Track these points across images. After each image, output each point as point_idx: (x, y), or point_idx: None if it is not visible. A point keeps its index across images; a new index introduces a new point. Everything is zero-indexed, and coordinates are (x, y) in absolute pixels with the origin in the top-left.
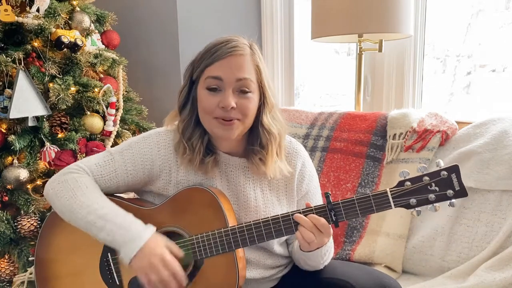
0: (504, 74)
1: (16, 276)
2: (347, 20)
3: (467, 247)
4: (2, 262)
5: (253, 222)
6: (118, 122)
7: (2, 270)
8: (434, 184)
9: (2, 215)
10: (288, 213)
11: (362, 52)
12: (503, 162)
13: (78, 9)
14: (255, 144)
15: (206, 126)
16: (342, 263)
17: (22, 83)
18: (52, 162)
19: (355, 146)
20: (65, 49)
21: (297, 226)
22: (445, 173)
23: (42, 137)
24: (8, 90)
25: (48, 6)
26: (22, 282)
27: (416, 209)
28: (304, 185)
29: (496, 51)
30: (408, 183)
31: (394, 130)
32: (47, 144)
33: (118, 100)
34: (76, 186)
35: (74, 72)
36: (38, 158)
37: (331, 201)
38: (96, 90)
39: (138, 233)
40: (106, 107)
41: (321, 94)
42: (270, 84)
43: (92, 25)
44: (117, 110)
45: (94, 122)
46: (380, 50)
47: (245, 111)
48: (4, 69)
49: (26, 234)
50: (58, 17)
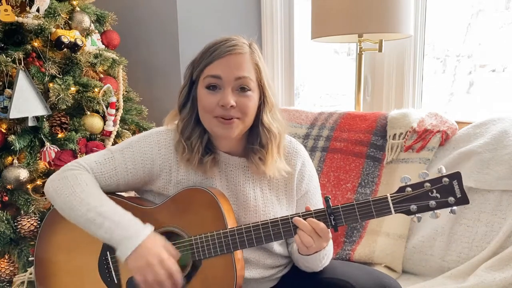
0: (504, 74)
1: (16, 276)
2: (347, 20)
3: (467, 247)
4: (2, 262)
5: (252, 224)
6: (118, 122)
7: (2, 270)
8: (435, 190)
9: (2, 215)
10: (287, 216)
11: (362, 52)
12: (503, 162)
13: (78, 9)
14: (255, 143)
15: (206, 125)
16: (342, 263)
17: (22, 83)
18: (52, 162)
19: (355, 146)
20: (65, 49)
21: (296, 229)
22: (446, 179)
23: (42, 137)
24: (8, 90)
25: (48, 6)
26: (22, 282)
27: (416, 215)
28: (304, 184)
29: (496, 51)
30: (408, 189)
31: (394, 130)
32: (47, 144)
33: (118, 100)
34: (76, 183)
35: (74, 72)
36: (38, 158)
37: (331, 205)
38: (96, 90)
39: (136, 231)
40: (106, 107)
41: (321, 94)
42: (270, 83)
43: (92, 25)
44: (117, 110)
45: (94, 122)
46: (380, 50)
47: (244, 110)
48: (4, 69)
49: (26, 234)
50: (58, 17)
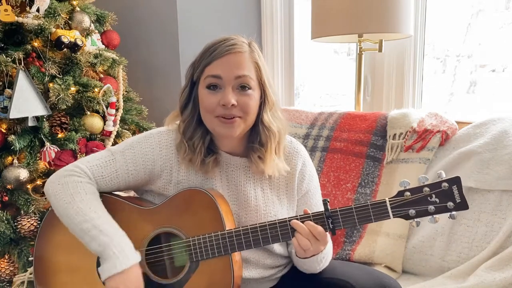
0: (504, 74)
1: (16, 276)
2: (347, 20)
3: (467, 247)
4: (2, 262)
5: (250, 226)
6: (118, 122)
7: (2, 270)
8: (434, 195)
9: (2, 215)
10: (285, 219)
11: (362, 52)
12: (503, 162)
13: (78, 9)
14: (255, 142)
15: (208, 125)
16: (342, 263)
17: (22, 83)
18: (52, 162)
19: (355, 146)
20: (65, 49)
21: (293, 232)
22: (446, 184)
23: (42, 137)
24: (8, 90)
25: (48, 6)
26: (22, 282)
27: (415, 220)
28: (304, 184)
29: (496, 51)
30: (407, 193)
31: (394, 130)
32: (47, 144)
33: (118, 100)
34: (75, 191)
35: (74, 72)
36: (38, 158)
37: (329, 208)
38: (96, 90)
39: (128, 255)
40: (106, 107)
41: (321, 94)
42: (270, 81)
43: (92, 25)
44: (117, 110)
45: (94, 122)
46: (380, 50)
47: (245, 108)
48: (4, 69)
49: (26, 234)
50: (58, 17)
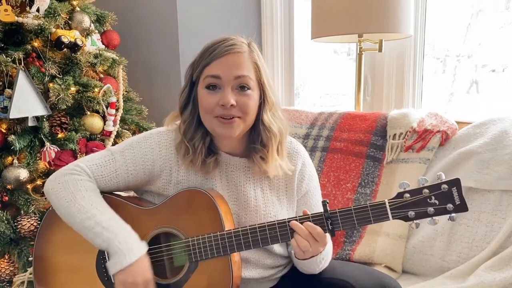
0: (504, 74)
1: (16, 276)
2: (347, 20)
3: (467, 247)
4: (2, 262)
5: (249, 227)
6: (118, 122)
7: (2, 270)
8: (434, 197)
9: (2, 215)
10: (284, 219)
11: (362, 52)
12: (503, 162)
13: (78, 9)
14: (256, 142)
15: (207, 125)
16: (342, 263)
17: (22, 83)
18: (52, 162)
19: (355, 146)
20: (65, 49)
21: (293, 233)
22: (445, 186)
23: (42, 137)
24: (8, 90)
25: (48, 6)
26: (22, 282)
27: (414, 221)
28: (304, 184)
29: (496, 51)
30: (407, 195)
31: (394, 130)
32: (47, 144)
33: (118, 100)
34: (76, 188)
35: (74, 72)
36: (38, 158)
37: (328, 209)
38: (96, 90)
39: (133, 247)
40: (106, 107)
41: (321, 94)
42: (270, 82)
43: (92, 25)
44: (117, 110)
45: (94, 122)
46: (380, 50)
47: (245, 109)
48: (4, 69)
49: (26, 234)
50: (58, 17)
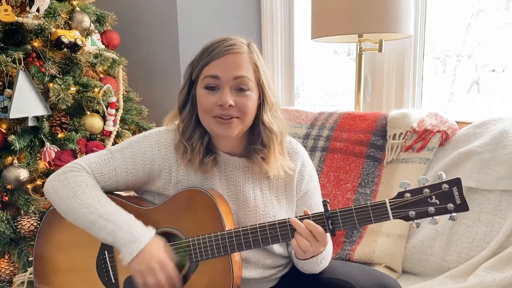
0: (504, 74)
1: (16, 276)
2: (347, 20)
3: (467, 247)
4: (2, 262)
5: (250, 227)
6: (118, 122)
7: (2, 270)
8: (434, 196)
9: (2, 215)
10: (285, 219)
11: (362, 52)
12: (503, 162)
13: (78, 9)
14: (256, 143)
15: (205, 125)
16: (342, 263)
17: (22, 83)
18: (52, 162)
19: (355, 146)
20: (65, 49)
21: (293, 233)
22: (446, 186)
23: (42, 137)
24: (8, 90)
25: (48, 6)
26: (22, 282)
27: (415, 221)
28: (303, 184)
29: (496, 51)
30: (407, 195)
31: (394, 130)
32: (47, 144)
33: (118, 100)
34: (76, 184)
35: (74, 72)
36: (38, 158)
37: (329, 209)
38: (96, 90)
39: (139, 235)
40: (106, 107)
41: (321, 94)
42: (269, 82)
43: (92, 25)
44: (117, 110)
45: (94, 122)
46: (380, 50)
47: (243, 109)
48: (4, 69)
49: (26, 234)
50: (58, 17)
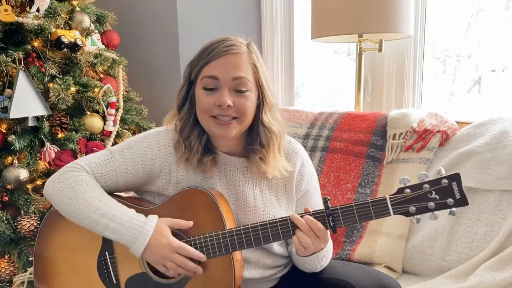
0: (504, 74)
1: (16, 276)
2: (347, 20)
3: (467, 247)
4: (2, 262)
5: (250, 225)
6: (118, 122)
7: (2, 270)
8: (434, 192)
9: (2, 215)
10: (286, 217)
11: (362, 52)
12: (503, 162)
13: (78, 9)
14: (255, 143)
15: (204, 125)
16: (342, 263)
17: (22, 83)
18: (52, 162)
19: (355, 146)
20: (65, 49)
21: (294, 230)
22: (446, 181)
23: (42, 137)
24: (8, 90)
25: (48, 6)
26: (22, 282)
27: (415, 217)
28: (303, 184)
29: (496, 51)
30: (407, 191)
31: (394, 130)
32: (47, 144)
33: (118, 100)
34: (77, 184)
35: (74, 72)
36: (38, 158)
37: (330, 206)
38: (96, 90)
39: (142, 228)
40: (106, 107)
41: (321, 94)
42: (268, 83)
43: (92, 25)
44: (117, 110)
45: (94, 122)
46: (380, 50)
47: (242, 110)
48: (4, 69)
49: (26, 234)
50: (58, 17)
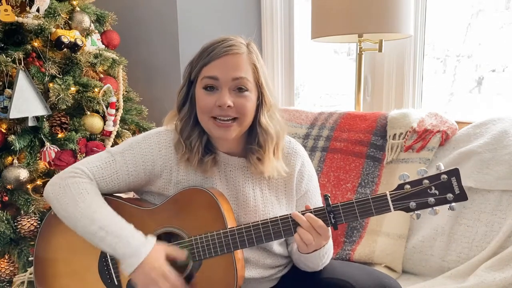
0: (504, 74)
1: (16, 276)
2: (347, 20)
3: (467, 247)
4: (2, 262)
5: (252, 223)
6: (118, 122)
7: (2, 270)
8: (434, 187)
9: (2, 215)
10: (287, 215)
11: (362, 52)
12: (503, 162)
13: (78, 9)
14: (253, 143)
15: (204, 125)
16: (342, 263)
17: (22, 83)
18: (52, 162)
19: (355, 146)
20: (65, 49)
21: (295, 228)
22: (445, 176)
23: (42, 137)
24: (8, 90)
25: (48, 6)
26: (22, 282)
27: (415, 212)
28: (303, 184)
29: (496, 51)
30: (407, 186)
31: (394, 130)
32: (47, 144)
33: (118, 100)
34: (78, 192)
35: (74, 72)
36: (38, 158)
37: (330, 203)
38: (96, 90)
39: (138, 248)
40: (106, 107)
41: (321, 94)
42: (268, 83)
43: (92, 25)
44: (117, 110)
45: (94, 122)
46: (380, 50)
47: (242, 110)
48: (4, 69)
49: (26, 234)
50: (58, 17)
